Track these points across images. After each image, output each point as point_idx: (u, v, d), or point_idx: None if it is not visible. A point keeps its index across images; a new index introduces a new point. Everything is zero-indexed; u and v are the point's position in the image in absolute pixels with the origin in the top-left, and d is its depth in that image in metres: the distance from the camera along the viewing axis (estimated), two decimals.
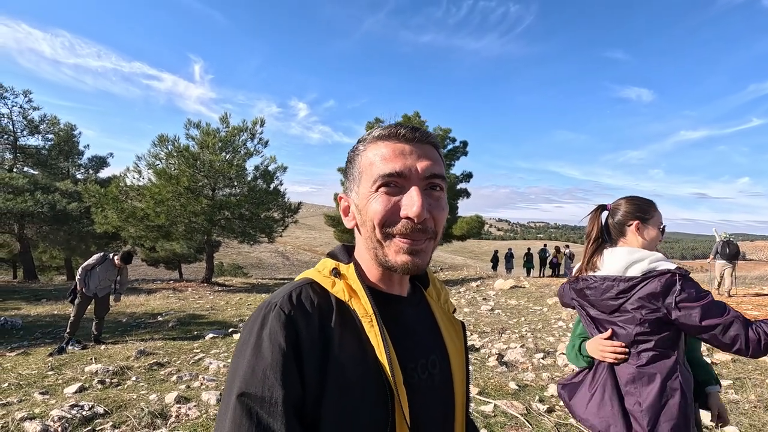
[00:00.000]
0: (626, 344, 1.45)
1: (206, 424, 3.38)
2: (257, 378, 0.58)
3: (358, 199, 0.71)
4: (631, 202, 1.60)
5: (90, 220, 15.58)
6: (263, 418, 0.56)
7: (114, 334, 6.93)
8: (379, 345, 0.64)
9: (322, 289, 0.70)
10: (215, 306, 9.80)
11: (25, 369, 4.91)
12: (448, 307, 0.87)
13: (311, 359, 0.61)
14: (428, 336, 0.77)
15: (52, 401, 3.84)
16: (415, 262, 0.66)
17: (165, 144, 12.89)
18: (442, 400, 0.75)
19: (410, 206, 0.64)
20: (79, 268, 6.16)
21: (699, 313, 1.32)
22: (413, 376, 0.69)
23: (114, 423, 3.36)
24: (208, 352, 5.80)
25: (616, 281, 1.47)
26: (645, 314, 1.39)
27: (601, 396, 1.50)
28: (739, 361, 4.70)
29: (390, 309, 0.72)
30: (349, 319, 0.67)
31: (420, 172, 0.66)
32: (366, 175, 0.69)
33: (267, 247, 46.20)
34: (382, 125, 0.72)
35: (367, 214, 0.68)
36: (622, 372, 1.47)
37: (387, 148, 0.68)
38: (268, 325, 0.62)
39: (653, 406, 1.38)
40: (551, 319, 7.78)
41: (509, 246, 23.56)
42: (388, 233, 0.66)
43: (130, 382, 4.45)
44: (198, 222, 12.92)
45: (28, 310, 9.15)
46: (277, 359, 0.59)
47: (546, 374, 4.52)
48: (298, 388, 0.59)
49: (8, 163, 18.20)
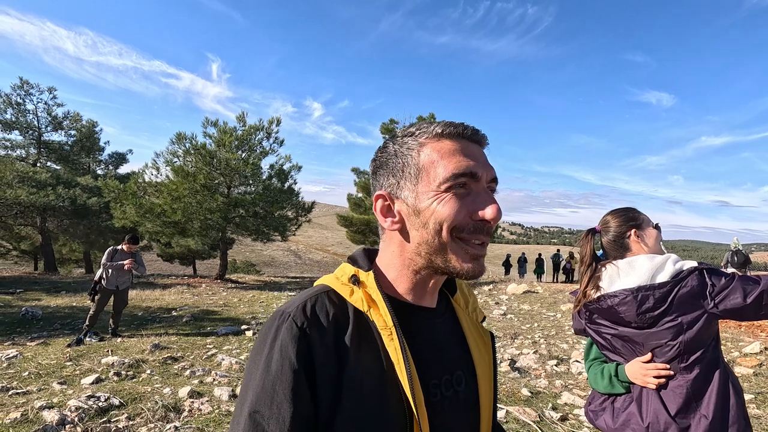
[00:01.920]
0: (670, 360, 1.37)
1: (218, 419, 3.41)
2: (267, 394, 0.57)
3: (414, 199, 0.64)
4: (617, 214, 1.59)
5: (109, 215, 15.91)
6: None
7: (130, 327, 7.06)
8: (399, 361, 0.60)
9: (339, 298, 0.66)
10: (228, 303, 9.91)
11: (44, 359, 5.03)
12: (476, 315, 0.81)
13: (324, 376, 0.58)
14: (454, 349, 0.72)
15: (69, 391, 3.93)
16: (478, 268, 0.63)
17: (183, 142, 13.12)
18: (467, 418, 0.71)
19: (490, 209, 0.61)
20: (99, 267, 6.33)
21: (741, 293, 1.28)
22: (436, 394, 0.65)
23: (129, 415, 3.41)
24: (220, 348, 5.87)
25: (652, 290, 1.37)
26: (691, 318, 1.33)
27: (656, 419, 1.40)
28: (761, 375, 4.55)
29: (413, 320, 0.67)
30: (367, 332, 0.63)
31: (488, 176, 0.64)
32: (429, 173, 0.63)
33: (280, 246, 46.56)
34: (428, 123, 0.66)
35: (432, 216, 0.62)
36: (670, 396, 1.37)
37: (456, 147, 0.63)
38: (280, 338, 0.59)
39: (717, 412, 1.31)
40: (565, 325, 7.67)
41: (522, 250, 23.29)
42: (458, 237, 0.62)
43: (145, 375, 4.53)
44: (213, 219, 13.10)
45: (48, 301, 9.39)
46: (287, 375, 0.57)
47: (559, 381, 4.45)
48: (309, 406, 0.57)
49: (32, 158, 18.72)
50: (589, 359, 1.70)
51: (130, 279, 6.57)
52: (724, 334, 6.47)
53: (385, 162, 0.68)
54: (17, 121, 18.14)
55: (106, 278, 6.22)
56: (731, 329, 6.90)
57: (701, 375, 1.35)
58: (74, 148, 20.37)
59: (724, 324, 7.19)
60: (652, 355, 1.41)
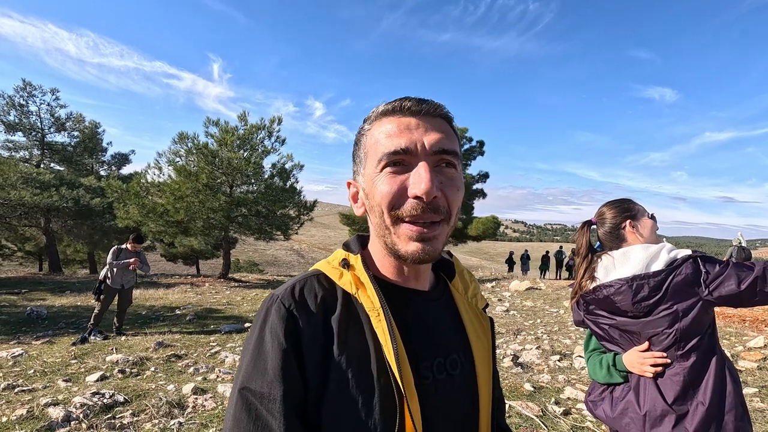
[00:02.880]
0: (667, 348, 1.37)
1: (221, 415, 3.43)
2: (258, 372, 0.57)
3: (364, 182, 0.65)
4: (612, 206, 1.59)
5: (112, 215, 16.00)
6: (262, 414, 0.55)
7: (134, 325, 7.10)
8: (387, 342, 0.59)
9: (329, 282, 0.66)
10: (231, 301, 9.95)
11: (49, 357, 5.06)
12: (476, 301, 0.79)
13: (312, 356, 0.58)
14: (449, 333, 0.71)
15: (74, 388, 3.96)
16: (426, 250, 0.59)
17: (185, 141, 13.16)
18: (464, 404, 0.69)
19: (418, 183, 0.57)
20: (104, 266, 6.35)
21: (735, 279, 1.29)
22: (428, 377, 0.64)
23: (133, 411, 3.44)
24: (224, 345, 5.89)
25: (646, 279, 1.38)
26: (686, 306, 1.33)
27: (653, 407, 1.40)
28: (765, 369, 4.54)
29: (403, 302, 0.66)
30: (354, 314, 0.63)
31: (428, 148, 0.59)
32: (371, 155, 0.63)
33: (282, 245, 46.67)
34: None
35: (374, 198, 0.62)
36: (667, 384, 1.38)
37: (392, 124, 0.61)
38: (270, 320, 0.60)
39: (714, 398, 1.31)
40: (567, 321, 7.66)
41: (525, 248, 23.27)
42: (396, 217, 0.60)
43: (149, 373, 4.55)
44: (216, 218, 13.15)
45: (52, 300, 9.45)
46: (276, 354, 0.57)
47: (562, 377, 4.45)
48: (299, 385, 0.57)
49: (36, 159, 18.82)
50: (588, 350, 1.70)
51: (134, 278, 6.60)
52: (728, 328, 6.45)
53: (353, 149, 0.70)
54: (20, 123, 18.24)
55: (111, 277, 6.25)
56: (735, 324, 6.88)
57: (698, 362, 1.35)
58: (77, 149, 20.47)
59: (729, 319, 7.17)
60: (649, 344, 1.41)
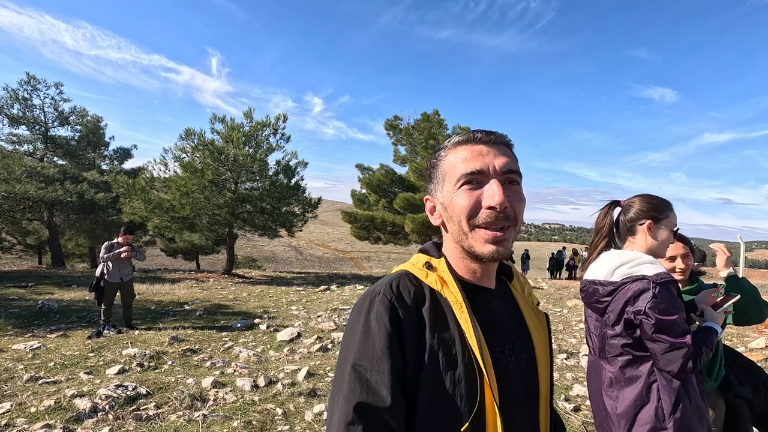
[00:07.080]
0: (610, 346, 1.45)
1: (243, 408, 3.53)
2: (368, 352, 0.69)
3: (443, 198, 0.79)
4: (647, 200, 1.54)
5: (115, 209, 16.03)
6: (372, 383, 0.67)
7: (145, 320, 7.18)
8: (469, 329, 0.72)
9: (416, 280, 0.80)
10: (238, 297, 10.04)
11: (67, 350, 5.15)
12: (532, 299, 0.93)
13: (410, 339, 0.71)
14: (514, 324, 0.84)
15: (96, 381, 4.05)
16: (499, 251, 0.73)
17: (191, 138, 13.20)
18: (528, 384, 0.82)
19: (492, 196, 0.71)
20: (100, 263, 6.36)
21: (654, 325, 1.30)
22: (501, 359, 0.77)
23: (156, 403, 3.54)
24: (236, 341, 5.99)
25: (600, 285, 1.46)
26: (623, 318, 1.39)
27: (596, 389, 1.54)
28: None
29: (478, 298, 0.81)
30: (440, 306, 0.76)
31: (498, 169, 0.74)
32: (449, 176, 0.78)
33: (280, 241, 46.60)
34: (457, 134, 0.82)
35: (453, 210, 0.76)
36: (605, 373, 1.47)
37: (466, 151, 0.77)
38: (374, 309, 0.73)
39: (626, 413, 1.37)
40: (572, 321, 7.78)
41: (525, 247, 23.39)
42: (473, 224, 0.74)
43: (167, 366, 4.65)
44: (221, 215, 13.20)
45: (60, 294, 9.51)
46: (383, 336, 0.69)
47: (570, 374, 4.57)
48: (400, 362, 0.69)
49: (39, 153, 18.81)
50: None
51: (131, 269, 6.63)
52: (730, 329, 6.56)
53: (428, 172, 0.87)
54: (24, 116, 18.21)
55: (108, 272, 6.28)
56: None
57: (626, 371, 1.41)
58: (80, 143, 20.44)
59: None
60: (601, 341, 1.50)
